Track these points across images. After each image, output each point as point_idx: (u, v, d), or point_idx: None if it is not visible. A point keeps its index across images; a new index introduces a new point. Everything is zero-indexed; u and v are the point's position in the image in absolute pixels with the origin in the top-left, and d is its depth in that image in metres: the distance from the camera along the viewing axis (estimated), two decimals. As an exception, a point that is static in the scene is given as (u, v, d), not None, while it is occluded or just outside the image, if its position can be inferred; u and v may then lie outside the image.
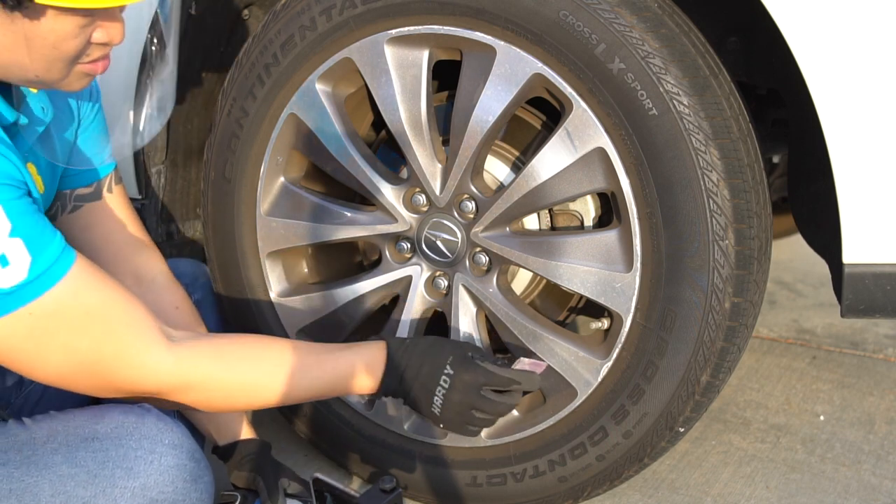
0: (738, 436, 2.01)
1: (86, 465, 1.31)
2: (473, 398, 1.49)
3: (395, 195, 1.68)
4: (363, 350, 1.51)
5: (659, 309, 1.51)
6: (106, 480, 1.30)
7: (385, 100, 1.63)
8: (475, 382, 1.49)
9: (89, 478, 1.30)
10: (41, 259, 1.24)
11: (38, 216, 1.28)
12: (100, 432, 1.33)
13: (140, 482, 1.30)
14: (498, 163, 1.68)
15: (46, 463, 1.31)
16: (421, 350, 1.51)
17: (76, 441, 1.33)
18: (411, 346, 1.52)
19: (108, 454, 1.31)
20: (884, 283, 1.39)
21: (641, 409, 1.56)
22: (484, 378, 1.49)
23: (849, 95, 1.32)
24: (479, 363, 1.51)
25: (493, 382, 1.50)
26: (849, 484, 1.83)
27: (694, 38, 1.47)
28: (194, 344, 1.39)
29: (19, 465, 1.32)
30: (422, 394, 1.50)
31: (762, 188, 1.50)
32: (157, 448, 1.32)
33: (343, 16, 1.63)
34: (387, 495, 1.54)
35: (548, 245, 1.58)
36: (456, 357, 1.51)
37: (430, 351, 1.51)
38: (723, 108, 1.44)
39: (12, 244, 1.22)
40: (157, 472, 1.31)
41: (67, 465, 1.31)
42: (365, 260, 1.91)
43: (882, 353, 2.35)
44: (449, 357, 1.50)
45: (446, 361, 1.50)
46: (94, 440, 1.32)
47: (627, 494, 1.81)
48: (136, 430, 1.32)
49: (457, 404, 1.49)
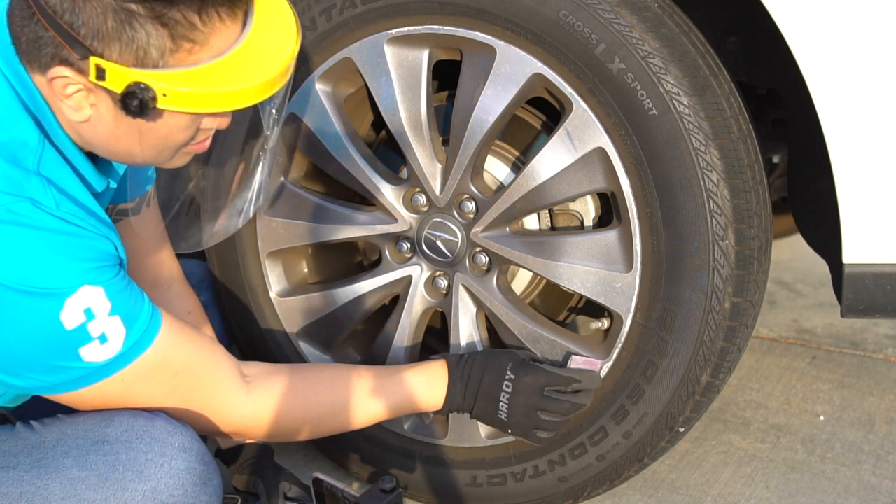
0: (738, 436, 2.01)
1: (96, 469, 1.30)
2: (537, 399, 1.51)
3: (395, 195, 1.68)
4: (425, 370, 1.56)
5: (659, 309, 1.51)
6: (117, 484, 1.29)
7: (385, 100, 1.63)
8: (537, 384, 1.51)
9: (100, 481, 1.30)
10: (134, 330, 1.30)
11: (131, 286, 1.32)
12: (110, 435, 1.32)
13: (151, 485, 1.29)
14: (498, 163, 1.67)
15: (57, 466, 1.31)
16: (480, 361, 1.55)
17: (86, 444, 1.32)
18: (469, 359, 1.56)
19: (118, 457, 1.31)
20: (884, 283, 1.39)
21: (641, 409, 1.56)
22: (545, 379, 1.52)
23: (849, 95, 1.32)
24: (539, 365, 1.54)
25: (554, 382, 1.52)
26: (849, 484, 1.83)
27: (694, 38, 1.47)
28: (268, 384, 1.46)
29: (29, 468, 1.32)
30: (487, 402, 1.54)
31: (762, 188, 1.50)
32: (167, 451, 1.31)
33: (343, 16, 1.63)
34: (387, 495, 1.54)
35: (548, 245, 1.58)
36: (515, 362, 1.54)
37: (488, 360, 1.55)
38: (723, 108, 1.44)
39: (111, 322, 1.27)
40: (167, 476, 1.30)
41: (78, 469, 1.30)
42: (365, 260, 1.91)
43: (882, 353, 2.35)
44: (508, 363, 1.54)
45: (506, 367, 1.53)
46: (105, 443, 1.32)
47: (627, 494, 1.81)
48: (146, 434, 1.32)
49: (522, 407, 1.52)
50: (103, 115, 1.25)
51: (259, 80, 1.23)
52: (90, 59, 1.18)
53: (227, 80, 1.21)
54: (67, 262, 1.23)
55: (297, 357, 1.83)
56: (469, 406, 1.55)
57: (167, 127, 1.26)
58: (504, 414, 1.53)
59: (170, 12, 1.16)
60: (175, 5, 1.16)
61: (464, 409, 1.56)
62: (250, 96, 1.24)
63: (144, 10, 1.16)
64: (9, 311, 1.22)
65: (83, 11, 1.16)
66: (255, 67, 1.24)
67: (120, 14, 1.16)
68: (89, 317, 1.25)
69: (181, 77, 1.20)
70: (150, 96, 1.19)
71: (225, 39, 1.21)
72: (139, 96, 1.19)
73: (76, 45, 1.17)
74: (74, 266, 1.24)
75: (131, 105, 1.19)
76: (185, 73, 1.20)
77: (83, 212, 1.28)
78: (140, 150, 1.30)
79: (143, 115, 1.21)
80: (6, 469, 1.32)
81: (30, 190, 1.22)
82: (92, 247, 1.26)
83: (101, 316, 1.26)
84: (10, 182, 1.21)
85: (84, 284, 1.24)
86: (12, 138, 1.24)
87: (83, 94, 1.22)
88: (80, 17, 1.16)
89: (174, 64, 1.19)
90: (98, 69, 1.18)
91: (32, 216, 1.21)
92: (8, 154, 1.23)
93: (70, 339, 1.25)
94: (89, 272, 1.25)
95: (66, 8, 1.16)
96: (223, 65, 1.21)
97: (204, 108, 1.22)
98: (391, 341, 1.73)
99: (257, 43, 1.24)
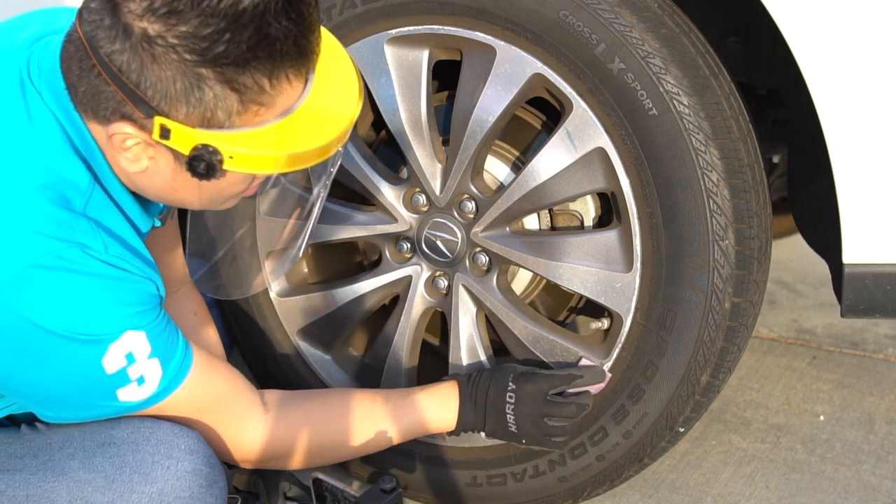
0: (738, 436, 2.01)
1: (103, 471, 1.31)
2: (541, 406, 1.52)
3: (395, 195, 1.68)
4: (437, 392, 1.58)
5: (659, 309, 1.51)
6: (123, 486, 1.30)
7: (385, 100, 1.63)
8: (539, 390, 1.52)
9: (106, 483, 1.30)
10: (169, 370, 1.32)
11: (169, 324, 1.33)
12: (116, 437, 1.33)
13: (157, 487, 1.30)
14: (498, 163, 1.67)
15: (63, 468, 1.31)
16: (486, 378, 1.56)
17: (92, 446, 1.33)
18: (475, 377, 1.57)
19: (124, 459, 1.31)
20: (884, 283, 1.39)
21: (641, 409, 1.56)
22: (546, 383, 1.52)
23: (848, 95, 1.32)
24: (538, 371, 1.54)
25: (555, 384, 1.52)
26: (849, 484, 1.83)
27: (694, 38, 1.47)
28: (286, 415, 1.49)
29: (36, 470, 1.32)
30: (495, 417, 1.54)
31: (762, 188, 1.50)
32: (173, 453, 1.32)
33: (343, 16, 1.63)
34: (387, 495, 1.54)
35: (548, 245, 1.58)
36: (516, 373, 1.54)
37: (493, 376, 1.56)
38: (723, 108, 1.44)
39: (150, 364, 1.29)
40: (174, 478, 1.31)
41: (84, 471, 1.31)
42: (365, 260, 1.91)
43: (882, 353, 2.35)
44: (510, 375, 1.54)
45: (508, 380, 1.54)
46: (111, 445, 1.32)
47: (627, 494, 1.81)
48: (152, 436, 1.32)
49: (528, 416, 1.52)
50: (162, 169, 1.23)
51: (324, 142, 1.21)
52: (155, 119, 1.15)
53: (292, 142, 1.19)
54: (113, 308, 1.23)
55: (296, 357, 1.83)
56: (481, 424, 1.56)
57: (227, 181, 1.24)
58: (513, 426, 1.54)
59: (241, 77, 1.13)
60: (247, 70, 1.13)
61: (477, 428, 1.57)
62: (315, 157, 1.21)
63: (215, 75, 1.13)
64: (52, 354, 1.22)
65: (151, 73, 1.13)
66: (320, 127, 1.21)
67: (189, 77, 1.13)
68: (130, 361, 1.26)
69: (247, 138, 1.17)
70: (217, 159, 1.16)
71: (290, 98, 1.19)
72: (206, 159, 1.16)
73: (141, 104, 1.15)
74: (120, 311, 1.24)
75: (198, 167, 1.17)
76: (250, 134, 1.17)
77: (130, 254, 1.27)
78: (196, 200, 1.29)
79: (210, 178, 1.18)
80: (13, 472, 1.32)
81: (79, 234, 1.21)
82: (137, 290, 1.26)
83: (142, 359, 1.27)
84: (60, 226, 1.20)
85: (128, 330, 1.24)
86: (62, 179, 1.23)
87: (142, 146, 1.20)
88: (147, 78, 1.13)
89: (240, 124, 1.17)
90: (163, 129, 1.16)
91: (81, 262, 1.20)
92: (57, 195, 1.21)
93: (109, 382, 1.26)
94: (133, 317, 1.25)
95: (133, 68, 1.13)
96: (288, 125, 1.19)
97: (269, 169, 1.19)
98: (391, 341, 1.73)
99: (320, 100, 1.22)
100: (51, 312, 1.19)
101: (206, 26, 1.10)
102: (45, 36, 1.29)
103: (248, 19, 1.11)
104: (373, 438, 1.54)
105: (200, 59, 1.12)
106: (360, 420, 1.53)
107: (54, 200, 1.21)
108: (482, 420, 1.55)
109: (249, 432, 1.45)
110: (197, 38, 1.11)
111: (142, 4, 1.11)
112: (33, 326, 1.19)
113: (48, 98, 1.24)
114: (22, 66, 1.26)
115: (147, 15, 1.11)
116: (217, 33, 1.10)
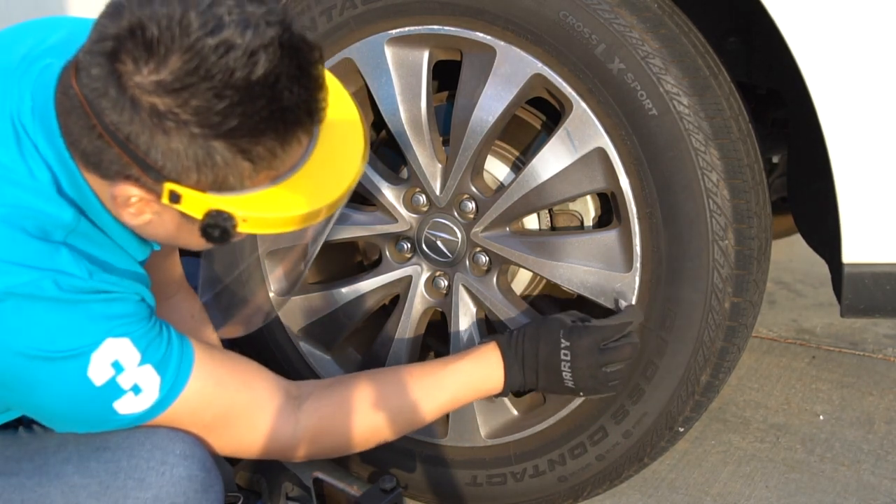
0: (737, 435, 2.01)
1: (97, 476, 1.29)
2: (598, 357, 1.48)
3: (396, 195, 1.68)
4: (477, 356, 1.53)
5: (659, 309, 1.51)
6: (118, 492, 1.29)
7: (385, 100, 1.63)
8: (593, 343, 1.48)
9: (101, 489, 1.29)
10: (168, 375, 1.28)
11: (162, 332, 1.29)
12: (111, 442, 1.31)
13: (152, 493, 1.28)
14: (498, 163, 1.68)
15: (58, 473, 1.30)
16: (530, 336, 1.51)
17: (87, 451, 1.31)
18: (518, 336, 1.52)
19: (119, 465, 1.30)
20: (884, 283, 1.39)
21: (641, 408, 1.56)
22: (599, 335, 1.49)
23: (848, 95, 1.32)
24: (588, 325, 1.50)
25: (608, 335, 1.49)
26: (848, 483, 1.84)
27: (694, 39, 1.47)
28: (318, 405, 1.44)
29: (31, 474, 1.31)
30: (550, 375, 1.50)
31: (762, 188, 1.51)
32: (168, 459, 1.30)
33: (343, 16, 1.63)
34: (387, 495, 1.54)
35: (548, 245, 1.58)
36: (564, 329, 1.50)
37: (539, 333, 1.51)
38: (723, 108, 1.45)
39: (143, 372, 1.25)
40: (169, 483, 1.29)
41: (79, 476, 1.30)
42: (365, 260, 1.91)
43: (882, 352, 2.35)
44: (559, 330, 1.50)
45: (559, 336, 1.50)
46: (106, 450, 1.31)
47: (627, 494, 1.81)
48: (147, 441, 1.31)
49: (586, 370, 1.49)
50: (166, 222, 1.21)
51: (336, 195, 1.19)
52: (164, 185, 1.12)
53: (306, 200, 1.16)
54: (91, 323, 1.21)
55: (297, 356, 1.83)
56: (533, 382, 1.52)
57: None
58: (571, 382, 1.50)
59: (254, 147, 1.10)
60: (260, 141, 1.10)
61: (527, 387, 1.53)
62: (325, 212, 1.19)
63: (228, 146, 1.10)
64: (38, 378, 1.20)
65: (161, 144, 1.09)
66: (331, 179, 1.19)
67: (202, 149, 1.10)
68: (118, 370, 1.23)
69: (260, 200, 1.14)
70: (231, 224, 1.14)
71: (299, 154, 1.16)
72: (221, 226, 1.14)
73: (149, 170, 1.11)
74: (98, 325, 1.21)
75: (213, 234, 1.14)
76: (263, 195, 1.15)
77: (117, 277, 1.25)
78: (198, 244, 1.26)
79: (224, 242, 1.16)
80: (7, 475, 1.31)
81: (58, 262, 1.18)
82: (120, 306, 1.24)
83: (131, 367, 1.23)
84: (37, 255, 1.17)
85: (108, 338, 1.21)
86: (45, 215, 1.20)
87: (144, 202, 1.17)
88: (157, 148, 1.10)
89: (251, 185, 1.14)
90: (172, 194, 1.13)
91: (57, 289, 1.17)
92: (35, 227, 1.18)
93: (102, 395, 1.23)
94: (114, 328, 1.22)
95: (142, 140, 1.09)
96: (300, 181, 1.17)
97: (283, 228, 1.17)
98: (391, 341, 1.73)
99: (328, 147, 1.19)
100: (28, 338, 1.17)
101: (219, 100, 1.07)
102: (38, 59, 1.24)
103: (260, 90, 1.07)
104: (414, 415, 1.50)
105: (213, 132, 1.09)
106: (397, 402, 1.48)
107: (32, 233, 1.18)
108: (534, 378, 1.51)
109: (278, 424, 1.41)
110: (210, 112, 1.07)
111: (150, 78, 1.07)
112: (14, 354, 1.17)
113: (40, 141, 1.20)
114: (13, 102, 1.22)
115: (157, 90, 1.07)
116: (230, 107, 1.07)
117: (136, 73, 1.07)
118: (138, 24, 1.07)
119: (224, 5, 1.08)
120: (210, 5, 1.07)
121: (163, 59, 1.06)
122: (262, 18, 1.08)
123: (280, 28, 1.09)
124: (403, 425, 1.51)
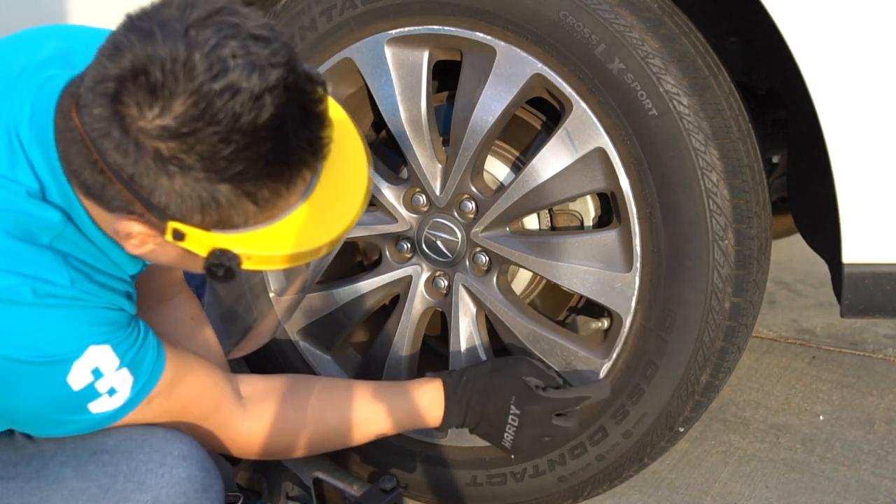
0: (737, 435, 2.01)
1: (97, 479, 1.29)
2: (545, 428, 1.53)
3: (396, 195, 1.68)
4: (422, 390, 1.56)
5: (659, 309, 1.51)
6: (118, 494, 1.29)
7: (385, 100, 1.63)
8: (545, 414, 1.52)
9: (101, 492, 1.29)
10: (140, 375, 1.28)
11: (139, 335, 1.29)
12: (108, 445, 1.31)
13: (152, 495, 1.28)
14: (498, 163, 1.68)
15: (57, 476, 1.30)
16: (481, 387, 1.54)
17: (85, 454, 1.31)
18: (468, 382, 1.55)
19: (118, 467, 1.30)
20: (884, 283, 1.39)
21: (641, 408, 1.56)
22: (552, 406, 1.52)
23: (848, 95, 1.32)
24: (542, 393, 1.52)
25: (562, 407, 1.52)
26: (848, 483, 1.84)
27: (694, 39, 1.47)
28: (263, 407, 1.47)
29: (30, 478, 1.31)
30: (491, 430, 1.55)
31: (762, 188, 1.51)
32: (167, 460, 1.30)
33: (343, 16, 1.63)
34: (387, 495, 1.54)
35: (548, 245, 1.58)
36: (518, 392, 1.53)
37: (490, 386, 1.54)
38: (723, 108, 1.45)
39: (119, 376, 1.26)
40: (168, 485, 1.29)
41: (78, 479, 1.29)
42: (365, 260, 1.91)
43: (882, 352, 2.35)
44: (511, 395, 1.53)
45: (510, 399, 1.53)
46: (104, 453, 1.31)
47: (627, 494, 1.81)
48: (145, 443, 1.31)
49: (529, 437, 1.53)
50: (169, 253, 1.19)
51: (341, 229, 1.18)
52: (168, 223, 1.11)
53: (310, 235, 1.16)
54: (74, 328, 1.20)
55: (297, 356, 1.83)
56: (470, 427, 1.57)
57: None
58: (509, 443, 1.55)
59: (259, 190, 1.09)
60: (266, 184, 1.09)
61: (464, 427, 1.57)
62: (330, 246, 1.19)
63: (232, 189, 1.08)
64: (17, 380, 1.20)
65: (164, 186, 1.08)
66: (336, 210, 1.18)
67: (206, 192, 1.08)
68: (97, 376, 1.23)
69: (264, 238, 1.14)
70: (235, 263, 1.13)
71: (302, 190, 1.15)
72: (225, 265, 1.13)
73: (153, 209, 1.10)
74: (81, 330, 1.21)
75: (217, 273, 1.14)
76: (267, 233, 1.14)
77: (98, 288, 1.24)
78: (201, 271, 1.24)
79: (228, 281, 1.15)
80: (6, 479, 1.31)
81: (41, 269, 1.17)
82: (101, 314, 1.24)
83: (109, 373, 1.24)
84: (20, 260, 1.16)
85: (90, 345, 1.21)
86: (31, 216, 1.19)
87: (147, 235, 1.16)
88: (160, 190, 1.08)
89: (254, 223, 1.13)
90: (176, 232, 1.12)
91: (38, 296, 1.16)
92: (21, 231, 1.17)
93: (78, 398, 1.24)
94: (97, 335, 1.22)
95: (145, 182, 1.08)
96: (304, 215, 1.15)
97: (287, 264, 1.16)
98: (391, 341, 1.73)
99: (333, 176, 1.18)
100: (10, 341, 1.16)
101: (225, 145, 1.05)
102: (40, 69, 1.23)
103: (266, 134, 1.06)
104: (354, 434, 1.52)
105: (218, 177, 1.07)
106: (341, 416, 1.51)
107: (14, 234, 1.17)
108: (472, 427, 1.56)
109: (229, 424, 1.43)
110: (216, 157, 1.06)
111: (154, 123, 1.04)
112: None
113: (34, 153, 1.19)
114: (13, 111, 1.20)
115: (161, 135, 1.05)
116: (235, 152, 1.05)
117: (139, 117, 1.05)
118: (141, 65, 1.04)
119: (228, 46, 1.04)
120: (215, 46, 1.04)
121: (167, 104, 1.04)
122: (267, 60, 1.06)
123: (285, 70, 1.07)
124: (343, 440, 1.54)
